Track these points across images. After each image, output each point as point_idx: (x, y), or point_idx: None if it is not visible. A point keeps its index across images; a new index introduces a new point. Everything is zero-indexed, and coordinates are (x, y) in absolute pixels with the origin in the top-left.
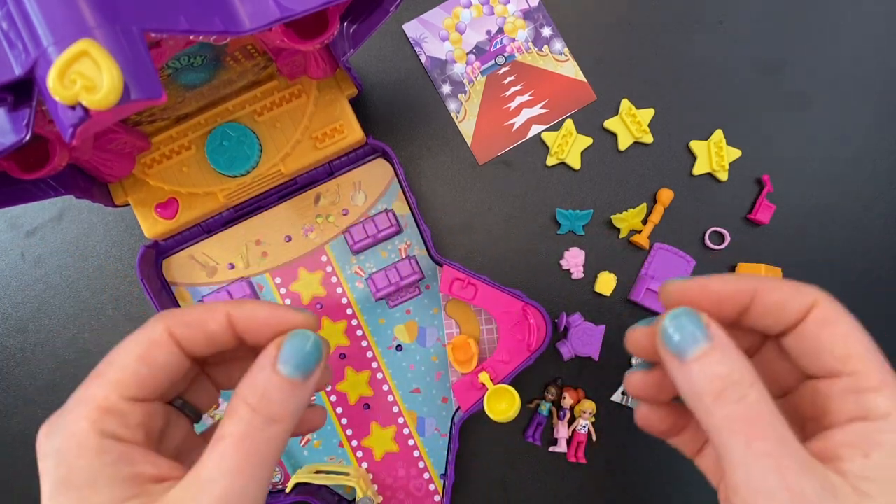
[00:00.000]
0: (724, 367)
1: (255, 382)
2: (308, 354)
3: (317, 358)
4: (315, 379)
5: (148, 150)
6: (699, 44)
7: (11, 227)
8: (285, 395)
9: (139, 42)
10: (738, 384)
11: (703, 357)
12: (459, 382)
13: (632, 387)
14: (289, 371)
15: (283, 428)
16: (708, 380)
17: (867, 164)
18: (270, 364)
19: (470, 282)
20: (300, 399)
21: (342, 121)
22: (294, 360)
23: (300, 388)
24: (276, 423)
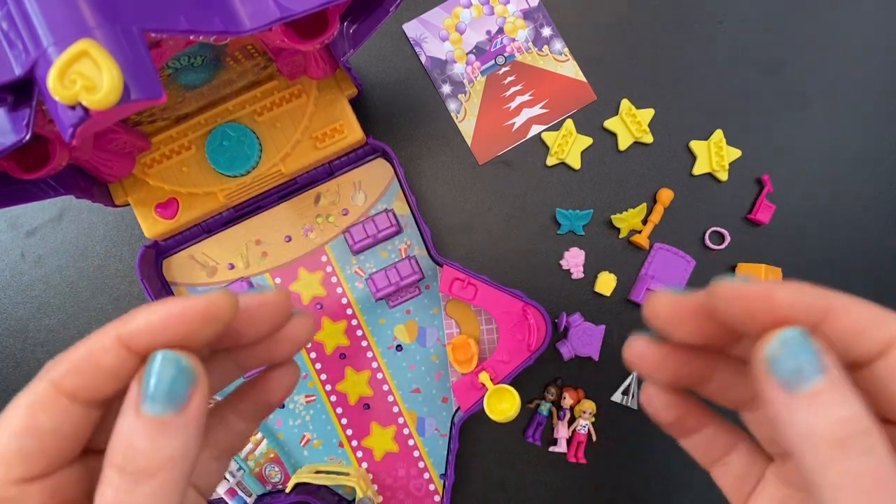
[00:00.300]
0: (848, 410)
1: (118, 434)
2: (176, 379)
3: (189, 380)
4: (198, 403)
5: (148, 150)
6: (699, 44)
7: (11, 227)
8: (156, 440)
9: (139, 42)
10: (866, 434)
11: (821, 394)
12: (459, 382)
13: (632, 354)
14: (156, 409)
15: (163, 480)
16: (827, 423)
17: (867, 164)
18: (133, 406)
19: (470, 282)
20: (181, 437)
21: (342, 121)
22: (161, 392)
23: (175, 424)
24: (150, 477)
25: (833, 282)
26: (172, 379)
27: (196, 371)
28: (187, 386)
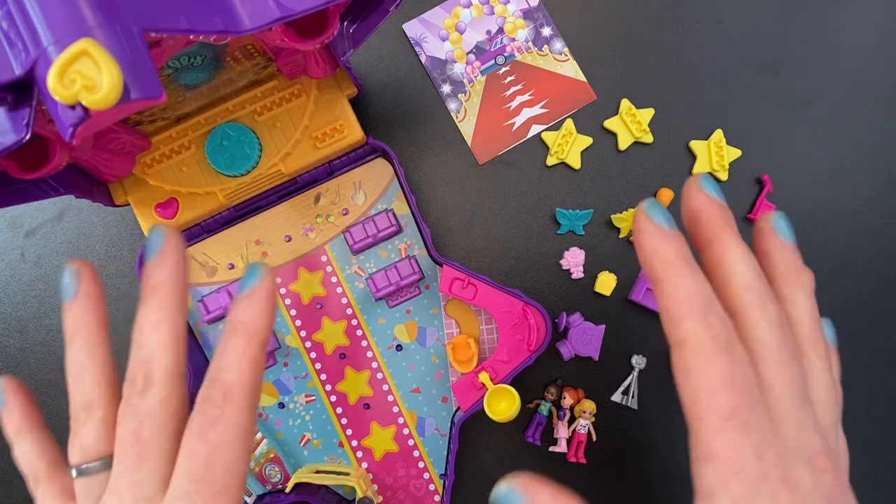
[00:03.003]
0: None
1: None
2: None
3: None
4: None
5: (148, 149)
6: (699, 44)
7: (11, 227)
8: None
9: (139, 42)
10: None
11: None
12: (459, 382)
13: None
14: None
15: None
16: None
17: (867, 164)
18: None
19: (470, 282)
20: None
21: (342, 120)
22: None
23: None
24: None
25: (833, 282)
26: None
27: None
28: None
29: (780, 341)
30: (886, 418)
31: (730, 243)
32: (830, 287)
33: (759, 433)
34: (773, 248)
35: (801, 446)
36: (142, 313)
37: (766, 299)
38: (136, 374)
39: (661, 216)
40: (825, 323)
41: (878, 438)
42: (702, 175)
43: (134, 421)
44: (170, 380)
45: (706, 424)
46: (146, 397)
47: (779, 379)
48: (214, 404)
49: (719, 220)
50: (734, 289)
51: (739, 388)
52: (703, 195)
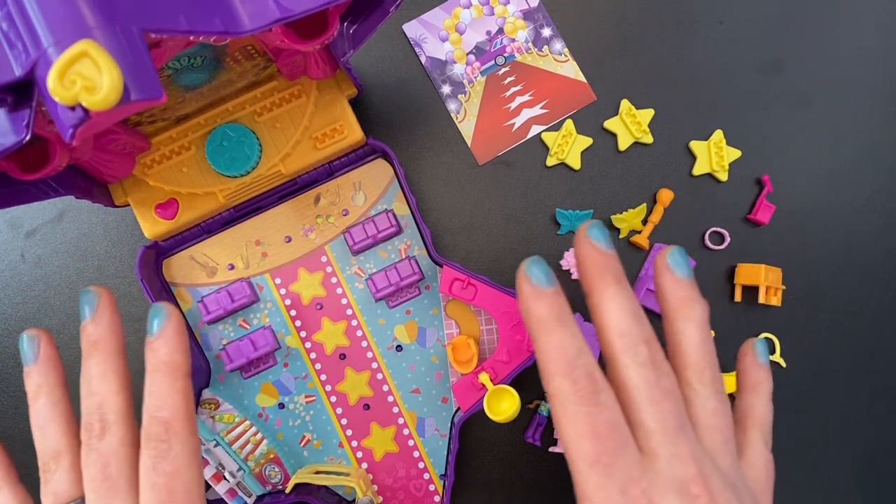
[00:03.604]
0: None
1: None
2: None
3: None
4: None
5: (148, 150)
6: (699, 44)
7: (11, 227)
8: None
9: (139, 42)
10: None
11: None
12: (459, 383)
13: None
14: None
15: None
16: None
17: (867, 164)
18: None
19: (470, 282)
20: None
21: (342, 121)
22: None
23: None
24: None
25: (833, 282)
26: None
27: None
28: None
29: (649, 381)
30: (886, 418)
31: (606, 291)
32: (830, 287)
33: (623, 472)
34: (664, 284)
35: (673, 477)
36: (87, 366)
37: (637, 343)
38: (91, 420)
39: (537, 274)
40: (758, 343)
41: (878, 438)
42: (589, 222)
43: (99, 462)
44: (124, 420)
45: (576, 469)
46: (106, 438)
47: (649, 416)
48: (160, 439)
49: (599, 268)
50: (607, 335)
51: (602, 436)
52: (586, 245)
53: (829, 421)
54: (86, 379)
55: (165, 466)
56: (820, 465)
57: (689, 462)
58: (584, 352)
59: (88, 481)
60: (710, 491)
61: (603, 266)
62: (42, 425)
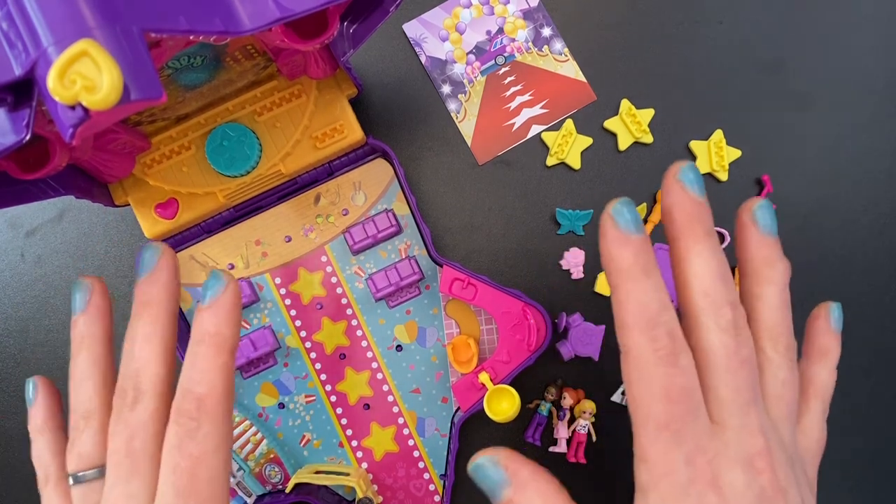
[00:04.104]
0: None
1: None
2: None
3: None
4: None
5: (148, 150)
6: (699, 44)
7: (11, 227)
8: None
9: (139, 42)
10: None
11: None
12: (459, 382)
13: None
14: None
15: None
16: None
17: (867, 164)
18: None
19: (470, 282)
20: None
21: (342, 121)
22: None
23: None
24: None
25: (833, 282)
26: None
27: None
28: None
29: (728, 348)
30: (886, 418)
31: (695, 245)
32: (830, 287)
33: (692, 441)
34: (748, 240)
35: (740, 449)
36: (133, 327)
37: (721, 305)
38: (126, 386)
39: (625, 218)
40: (834, 307)
41: (878, 438)
42: (684, 165)
43: (125, 433)
44: (160, 392)
45: (643, 431)
46: (136, 409)
47: (724, 385)
48: (190, 416)
49: (689, 217)
50: (690, 293)
51: (676, 401)
52: (677, 189)
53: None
54: (129, 340)
55: (191, 448)
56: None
57: (758, 435)
58: (667, 307)
59: (111, 452)
60: (773, 466)
61: (694, 215)
62: (78, 381)
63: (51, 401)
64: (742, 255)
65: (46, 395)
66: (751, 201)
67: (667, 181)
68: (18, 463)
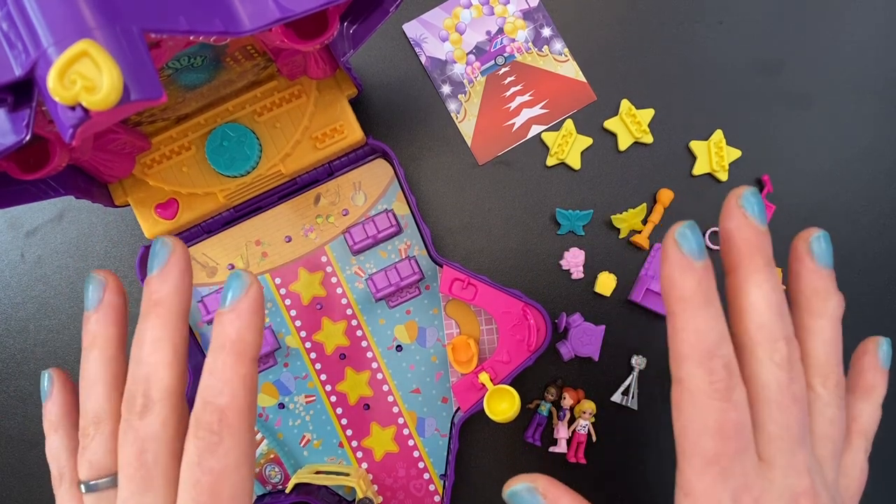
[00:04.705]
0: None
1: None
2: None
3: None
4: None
5: (148, 150)
6: (699, 44)
7: (11, 227)
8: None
9: (139, 42)
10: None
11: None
12: (459, 383)
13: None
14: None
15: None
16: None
17: (867, 165)
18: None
19: (470, 282)
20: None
21: (342, 121)
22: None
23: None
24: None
25: None
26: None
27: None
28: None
29: (781, 384)
30: (886, 418)
31: (754, 274)
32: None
33: (740, 478)
34: (802, 272)
35: (785, 488)
36: (142, 328)
37: (777, 339)
38: (135, 392)
39: (690, 243)
40: (884, 343)
41: (877, 439)
42: (747, 190)
43: (136, 444)
44: (170, 400)
45: (689, 464)
46: (147, 419)
47: (774, 422)
48: (211, 430)
49: (750, 245)
50: (746, 324)
51: (727, 437)
52: (739, 215)
53: None
54: (137, 343)
55: (212, 463)
56: None
57: (804, 475)
58: (725, 340)
59: (122, 463)
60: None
61: (755, 245)
62: (89, 384)
63: (67, 395)
64: (795, 287)
65: (62, 389)
66: (807, 232)
67: (728, 205)
68: (18, 463)
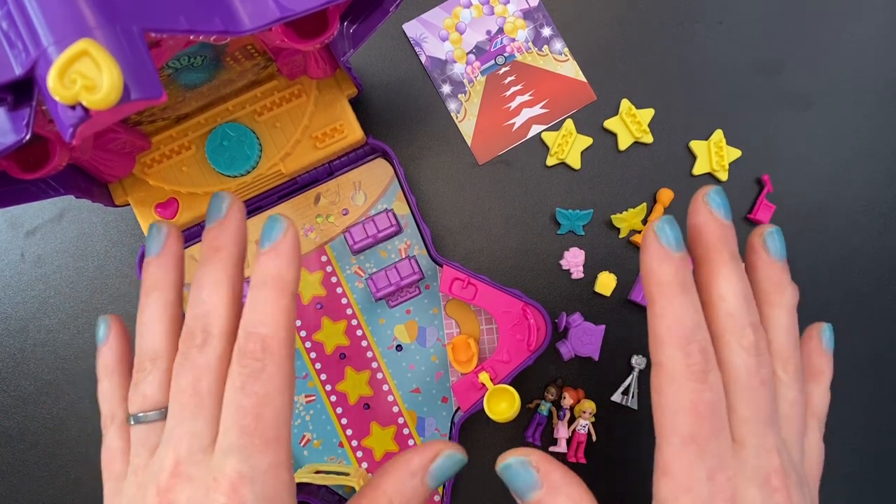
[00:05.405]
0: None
1: (402, 488)
2: (451, 472)
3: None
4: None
5: (148, 149)
6: (699, 44)
7: (11, 227)
8: (420, 501)
9: (139, 42)
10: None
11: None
12: (459, 382)
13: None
14: (433, 484)
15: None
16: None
17: (867, 164)
18: (421, 474)
19: (470, 282)
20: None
21: (342, 121)
22: (442, 477)
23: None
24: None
25: (833, 282)
26: (452, 471)
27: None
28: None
29: (749, 368)
30: (886, 418)
31: (721, 266)
32: (830, 287)
33: (714, 457)
34: (759, 265)
35: (757, 467)
36: (203, 272)
37: (744, 325)
38: (194, 328)
39: (667, 235)
40: (826, 328)
41: (878, 438)
42: (712, 189)
43: (192, 373)
44: (227, 337)
45: (667, 442)
46: (205, 351)
47: (745, 404)
48: (254, 357)
49: (716, 239)
50: (717, 313)
51: (703, 416)
52: (705, 211)
53: (829, 422)
54: (197, 285)
55: (256, 387)
56: None
57: (774, 454)
58: (701, 326)
59: (176, 392)
60: (787, 485)
61: (720, 238)
62: (148, 322)
63: (122, 342)
64: (752, 278)
65: (118, 335)
66: (761, 227)
67: (695, 203)
68: (19, 463)
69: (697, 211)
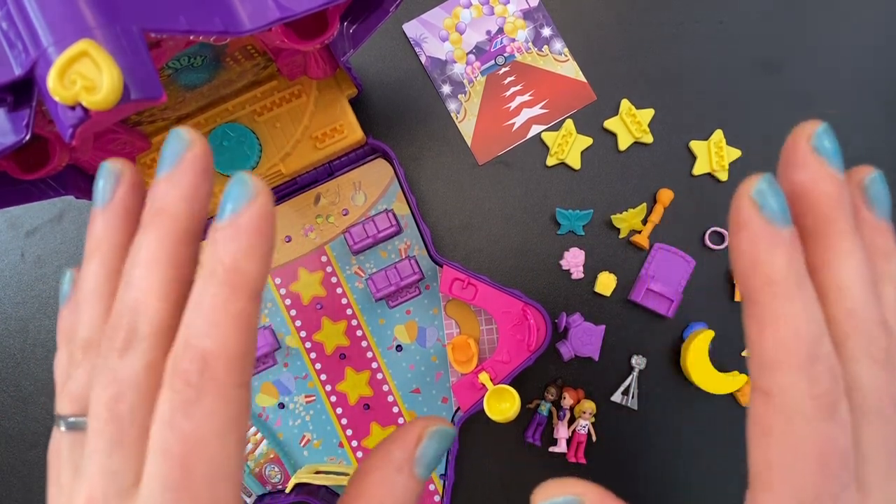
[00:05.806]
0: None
1: (392, 490)
2: (442, 451)
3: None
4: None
5: (148, 149)
6: (699, 44)
7: (11, 227)
8: (414, 498)
9: (139, 42)
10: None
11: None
12: (459, 383)
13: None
14: (425, 473)
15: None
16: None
17: (867, 164)
18: (408, 467)
19: (470, 282)
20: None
21: (342, 121)
22: (432, 461)
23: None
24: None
25: None
26: (442, 455)
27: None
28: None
29: (881, 387)
30: None
31: (840, 242)
32: None
33: None
34: (863, 229)
35: None
36: (137, 243)
37: (872, 327)
38: (118, 322)
39: (771, 205)
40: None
41: None
42: (817, 126)
43: (111, 388)
44: (160, 338)
45: (777, 498)
46: (127, 358)
47: (873, 437)
48: (187, 380)
49: (832, 204)
50: (835, 309)
51: (832, 470)
52: (814, 162)
53: None
54: (130, 261)
55: (185, 425)
56: None
57: None
58: (825, 335)
59: (94, 404)
60: None
61: (837, 203)
62: (84, 298)
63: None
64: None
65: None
66: (858, 171)
67: (797, 150)
68: (19, 463)
69: (803, 163)
